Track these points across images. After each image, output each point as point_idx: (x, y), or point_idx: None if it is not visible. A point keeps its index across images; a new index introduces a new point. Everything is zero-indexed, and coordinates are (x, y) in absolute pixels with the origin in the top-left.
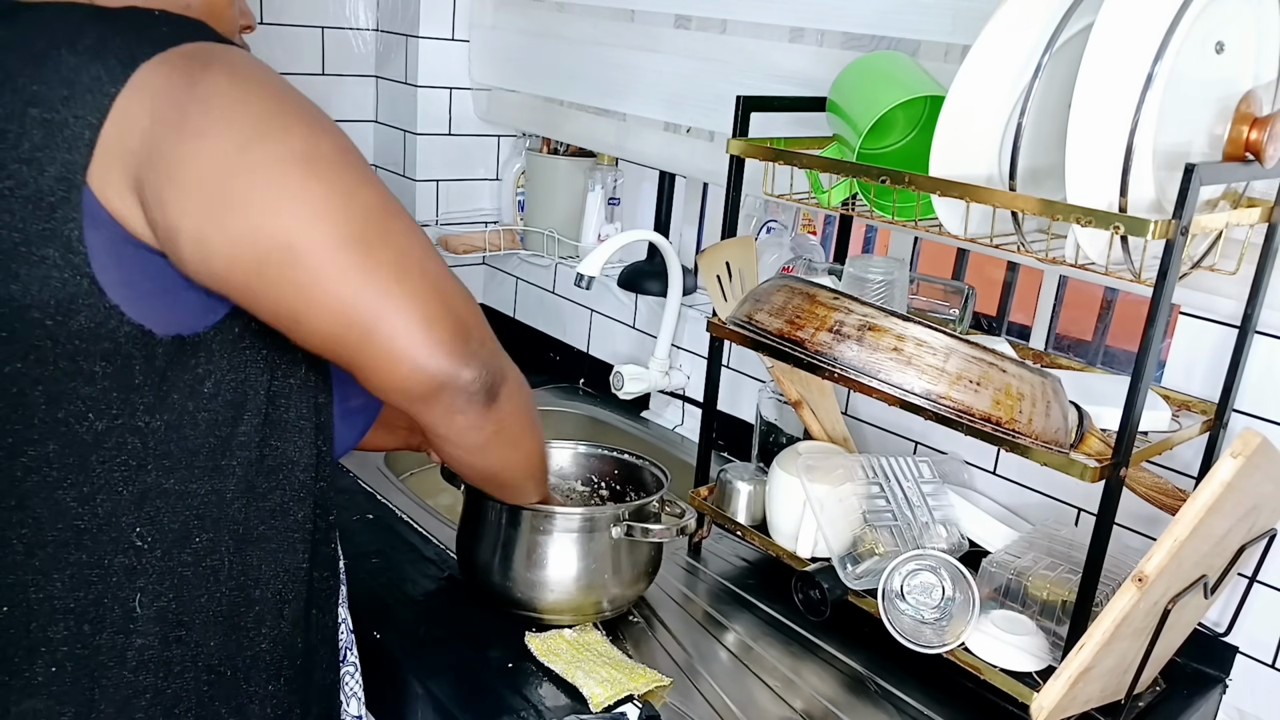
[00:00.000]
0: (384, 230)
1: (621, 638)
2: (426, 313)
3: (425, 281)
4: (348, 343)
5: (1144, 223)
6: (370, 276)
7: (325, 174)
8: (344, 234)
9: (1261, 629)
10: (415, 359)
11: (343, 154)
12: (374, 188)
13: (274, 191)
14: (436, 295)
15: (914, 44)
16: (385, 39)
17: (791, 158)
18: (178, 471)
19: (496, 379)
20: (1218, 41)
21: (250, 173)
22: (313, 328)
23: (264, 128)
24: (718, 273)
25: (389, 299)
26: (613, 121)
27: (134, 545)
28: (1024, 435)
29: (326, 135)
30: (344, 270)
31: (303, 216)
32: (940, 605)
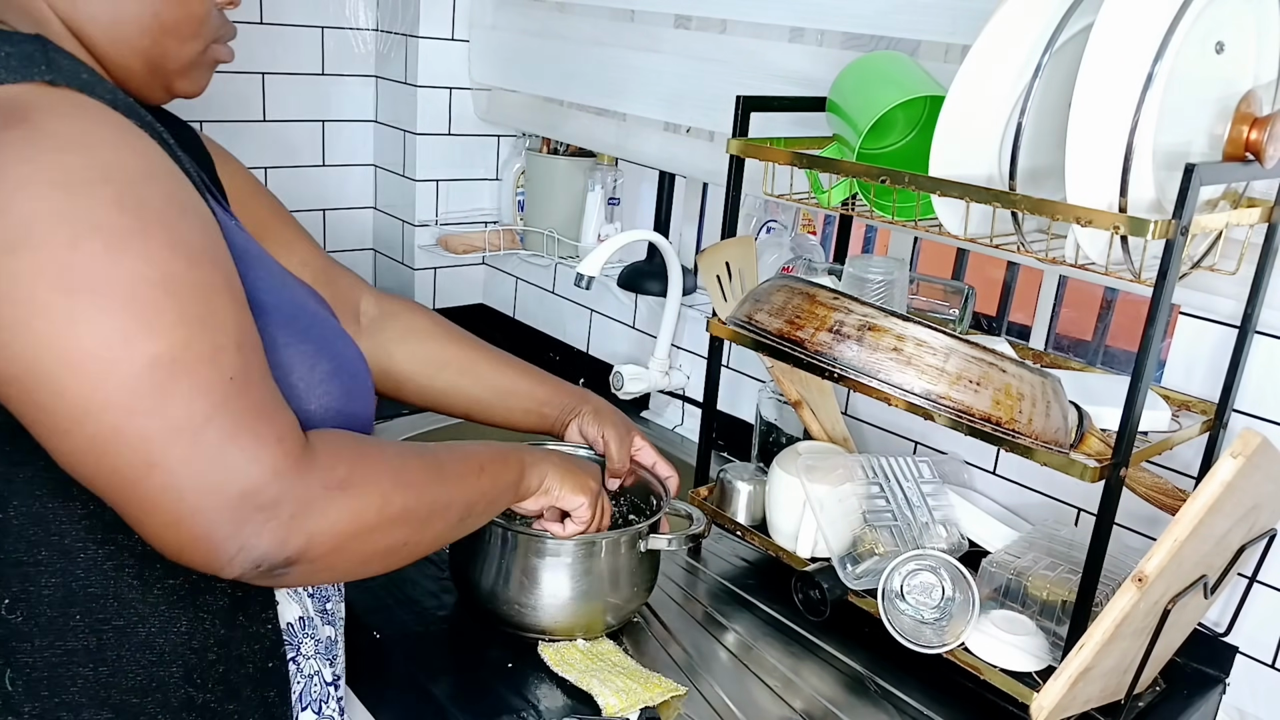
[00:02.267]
0: (165, 387)
1: (622, 638)
2: (188, 499)
3: (202, 453)
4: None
5: (1144, 223)
6: (127, 444)
7: (99, 314)
8: (104, 391)
9: (1261, 629)
10: (170, 540)
11: (144, 283)
12: (167, 334)
13: (30, 316)
14: (211, 473)
15: (914, 44)
16: (385, 39)
17: (791, 158)
18: (45, 547)
19: (278, 561)
20: (1218, 41)
21: (10, 282)
22: (62, 457)
23: (43, 231)
24: (717, 273)
25: (142, 483)
26: (613, 121)
27: (3, 618)
28: (1024, 435)
29: (130, 254)
30: (99, 430)
31: (56, 359)
32: (940, 605)
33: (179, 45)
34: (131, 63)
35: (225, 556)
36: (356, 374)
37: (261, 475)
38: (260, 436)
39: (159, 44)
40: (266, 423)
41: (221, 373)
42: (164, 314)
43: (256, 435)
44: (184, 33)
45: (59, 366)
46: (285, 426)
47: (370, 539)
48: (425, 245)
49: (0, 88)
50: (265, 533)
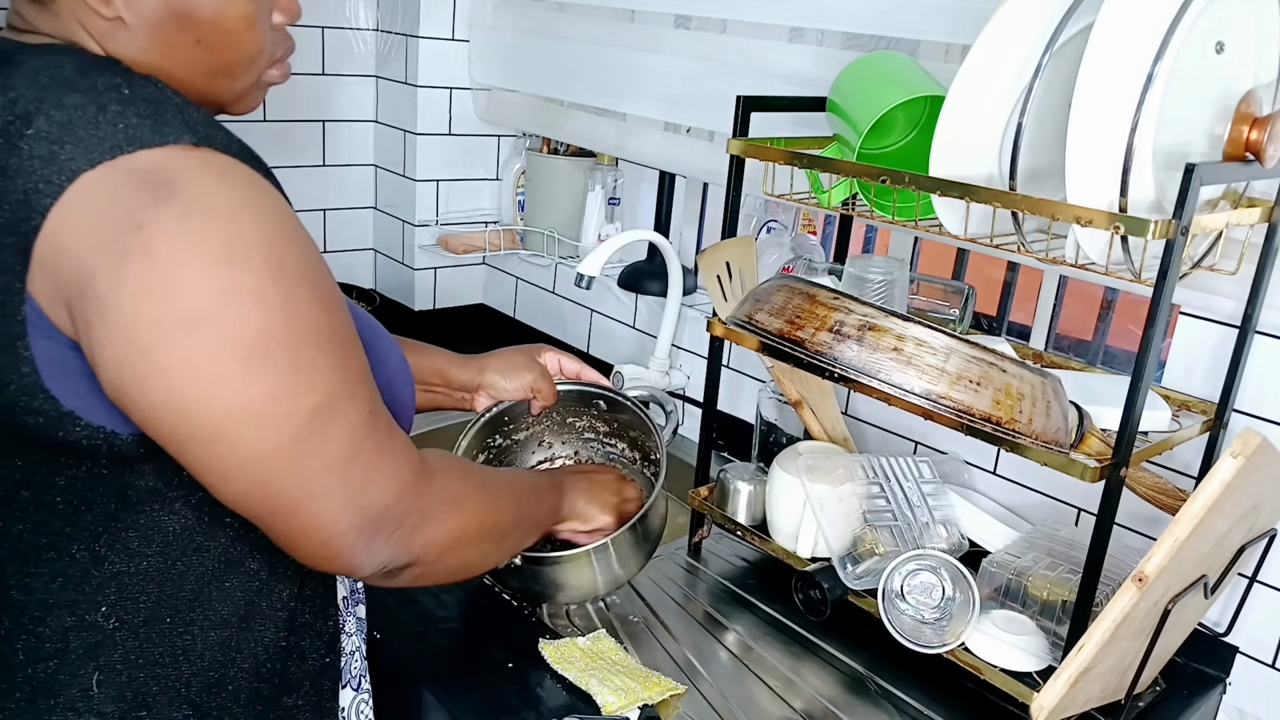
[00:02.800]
0: (319, 439)
1: (622, 638)
2: (336, 526)
3: (343, 494)
4: (258, 516)
5: (1144, 223)
6: (289, 489)
7: (268, 375)
8: (273, 444)
9: (1261, 629)
10: (315, 557)
11: (299, 344)
12: (323, 384)
13: (208, 383)
14: (353, 506)
15: (914, 44)
16: (385, 39)
17: (791, 158)
18: (149, 555)
19: (400, 563)
20: (1218, 41)
21: (186, 353)
22: (224, 499)
23: (213, 307)
24: (718, 273)
25: (302, 510)
26: (613, 121)
27: (97, 624)
28: (1024, 435)
29: (287, 319)
30: (265, 477)
31: (233, 417)
32: (940, 605)
33: (230, 83)
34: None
35: (362, 563)
36: (407, 382)
37: (396, 492)
38: (394, 459)
39: (211, 84)
40: (396, 445)
41: (361, 409)
42: (318, 366)
43: (391, 458)
44: (235, 72)
45: (236, 423)
46: (407, 446)
47: (468, 549)
48: (425, 245)
49: (146, 153)
50: (394, 541)
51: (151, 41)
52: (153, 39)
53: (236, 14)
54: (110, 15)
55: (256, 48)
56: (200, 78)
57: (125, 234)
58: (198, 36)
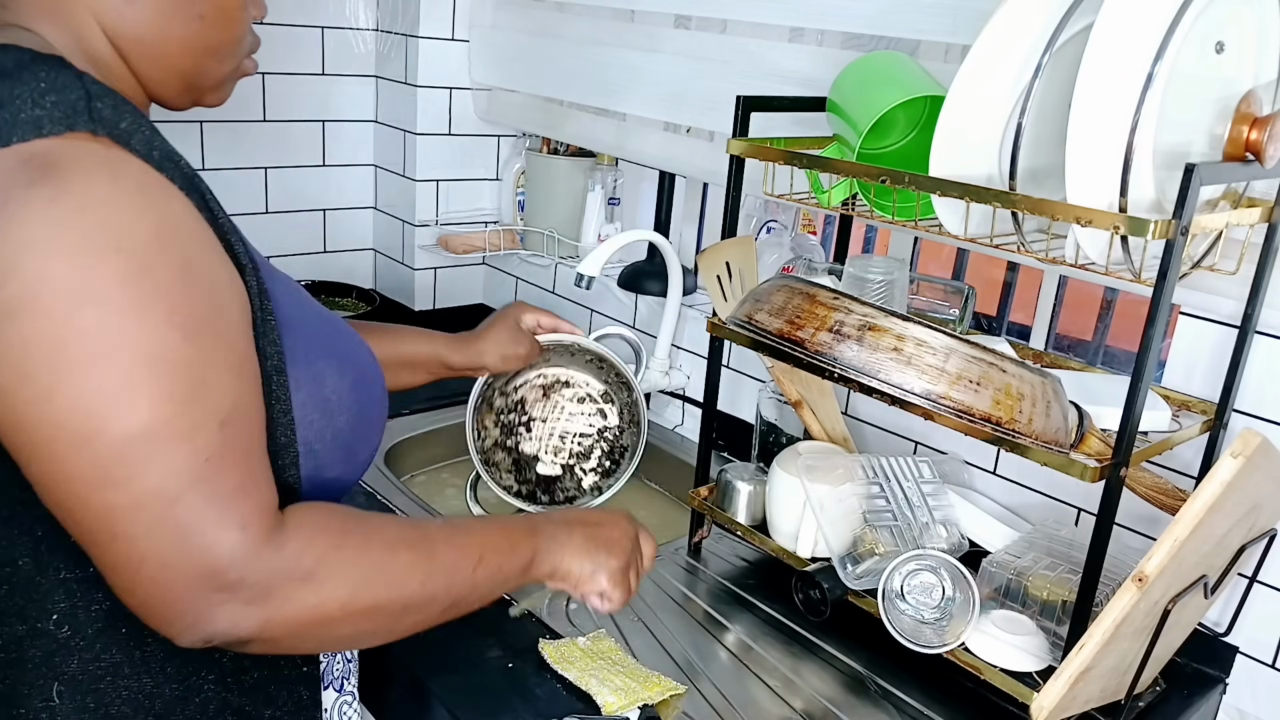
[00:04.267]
0: (131, 464)
1: (622, 638)
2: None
3: (168, 530)
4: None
5: (1144, 223)
6: (90, 510)
7: (85, 381)
8: (70, 468)
9: (1261, 629)
10: (140, 603)
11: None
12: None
13: (16, 382)
14: (176, 549)
15: (914, 44)
16: (385, 39)
17: (791, 158)
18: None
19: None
20: (1218, 41)
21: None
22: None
23: (42, 300)
24: (718, 273)
25: (107, 549)
26: (613, 121)
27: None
28: (1024, 435)
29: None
30: (62, 503)
31: (42, 414)
32: (940, 605)
33: (217, 64)
34: (168, 79)
35: (179, 628)
36: (375, 381)
37: (223, 559)
38: (226, 521)
39: (199, 64)
40: (237, 506)
41: (197, 453)
42: (148, 391)
43: (222, 519)
44: (224, 53)
45: (39, 434)
46: (256, 509)
47: (332, 628)
48: (425, 245)
49: (40, 141)
50: (222, 613)
51: (158, 14)
52: (160, 9)
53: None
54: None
55: (244, 30)
56: (191, 55)
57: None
58: (201, 11)
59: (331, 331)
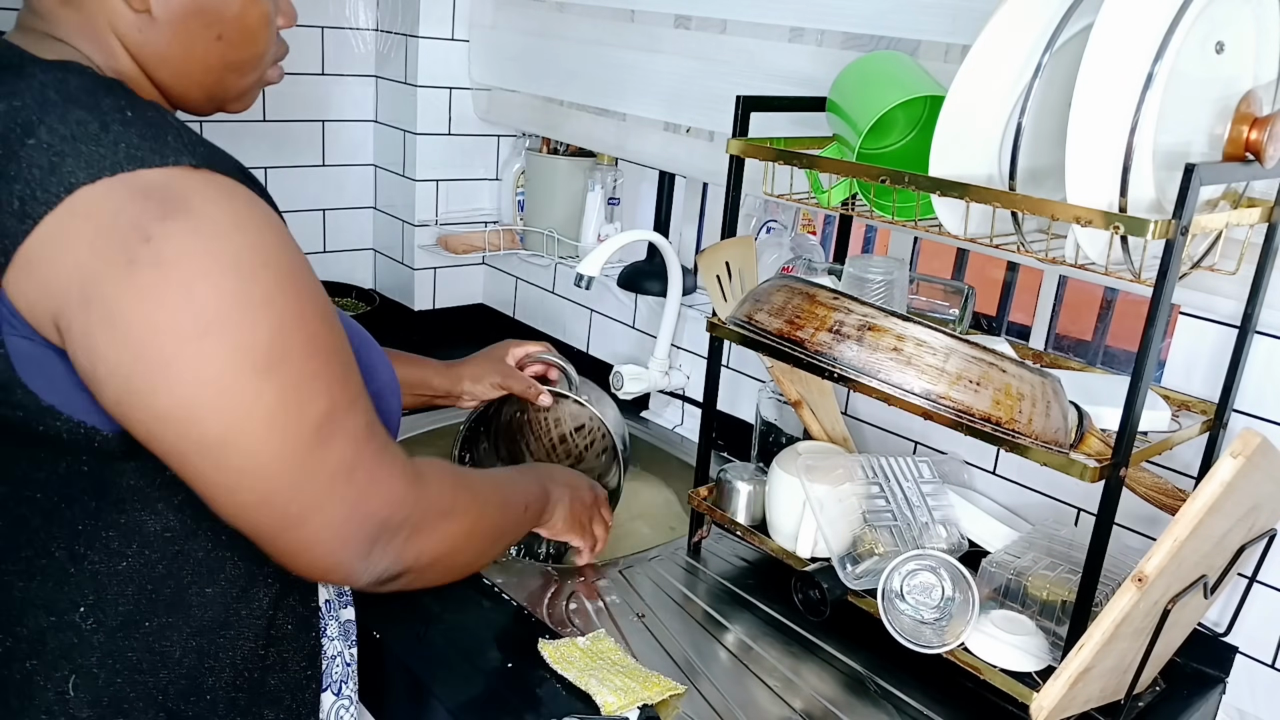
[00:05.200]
0: (323, 450)
1: (622, 637)
2: (338, 536)
3: (347, 503)
4: (256, 534)
5: (1144, 223)
6: (293, 500)
7: (277, 386)
8: (280, 454)
9: (1261, 629)
10: (315, 568)
11: (306, 355)
12: (327, 396)
13: (219, 392)
14: (355, 515)
15: (914, 44)
16: (385, 39)
17: (791, 158)
18: (129, 556)
19: (394, 572)
20: (1218, 41)
21: (198, 363)
22: (224, 514)
23: (225, 317)
24: (717, 273)
25: (305, 522)
26: (612, 121)
27: (75, 625)
28: (1024, 435)
29: (295, 330)
30: (270, 488)
31: (242, 427)
32: (940, 605)
33: (239, 79)
34: (190, 92)
35: (360, 574)
36: (393, 395)
37: (393, 503)
38: (391, 470)
39: (221, 80)
40: (392, 456)
41: (360, 420)
42: (322, 376)
43: (389, 468)
44: (246, 69)
45: (244, 432)
46: (402, 456)
47: (458, 555)
48: (425, 245)
49: (147, 172)
50: (390, 551)
51: (175, 35)
52: (177, 33)
53: (258, 12)
54: (140, 8)
55: (266, 45)
56: (213, 73)
57: (133, 245)
58: (220, 32)
59: (360, 344)
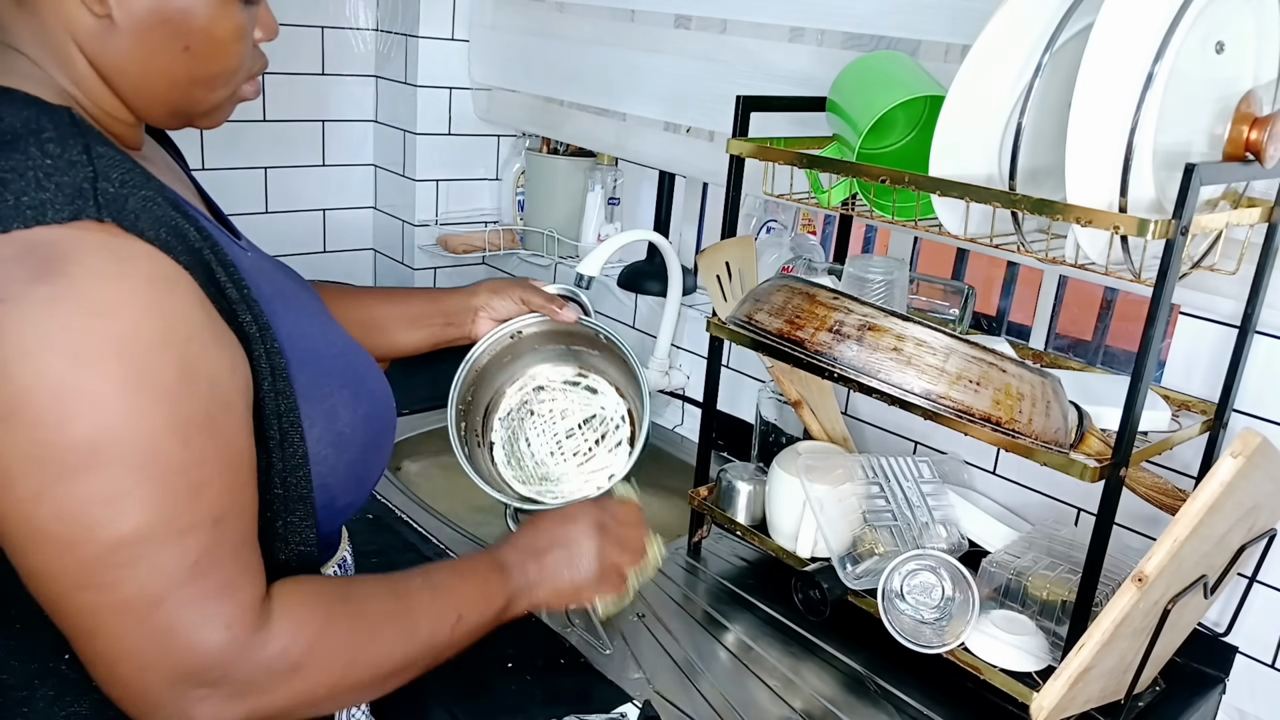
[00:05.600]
0: (119, 568)
1: (622, 636)
2: (147, 672)
3: (146, 630)
4: (61, 628)
5: (1144, 223)
6: (77, 608)
7: (78, 489)
8: (68, 559)
9: (1261, 629)
10: (114, 694)
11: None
12: (152, 510)
13: (10, 476)
14: (161, 647)
15: (914, 44)
16: (385, 39)
17: (791, 158)
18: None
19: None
20: (1218, 41)
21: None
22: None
23: (40, 403)
24: (717, 273)
25: (92, 638)
26: (613, 121)
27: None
28: (1024, 435)
29: (118, 439)
30: (55, 583)
31: (29, 518)
32: (940, 605)
33: (207, 94)
34: (153, 107)
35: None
36: (388, 409)
37: (206, 659)
38: (210, 622)
39: (188, 95)
40: (221, 605)
41: (186, 556)
42: (140, 499)
43: (206, 621)
44: (215, 84)
45: (26, 536)
46: (242, 607)
47: (319, 706)
48: (425, 245)
49: (43, 229)
50: (204, 707)
51: (139, 44)
52: (141, 42)
53: (230, 24)
54: (101, 13)
55: (239, 60)
56: (179, 87)
57: None
58: (187, 43)
59: (347, 363)
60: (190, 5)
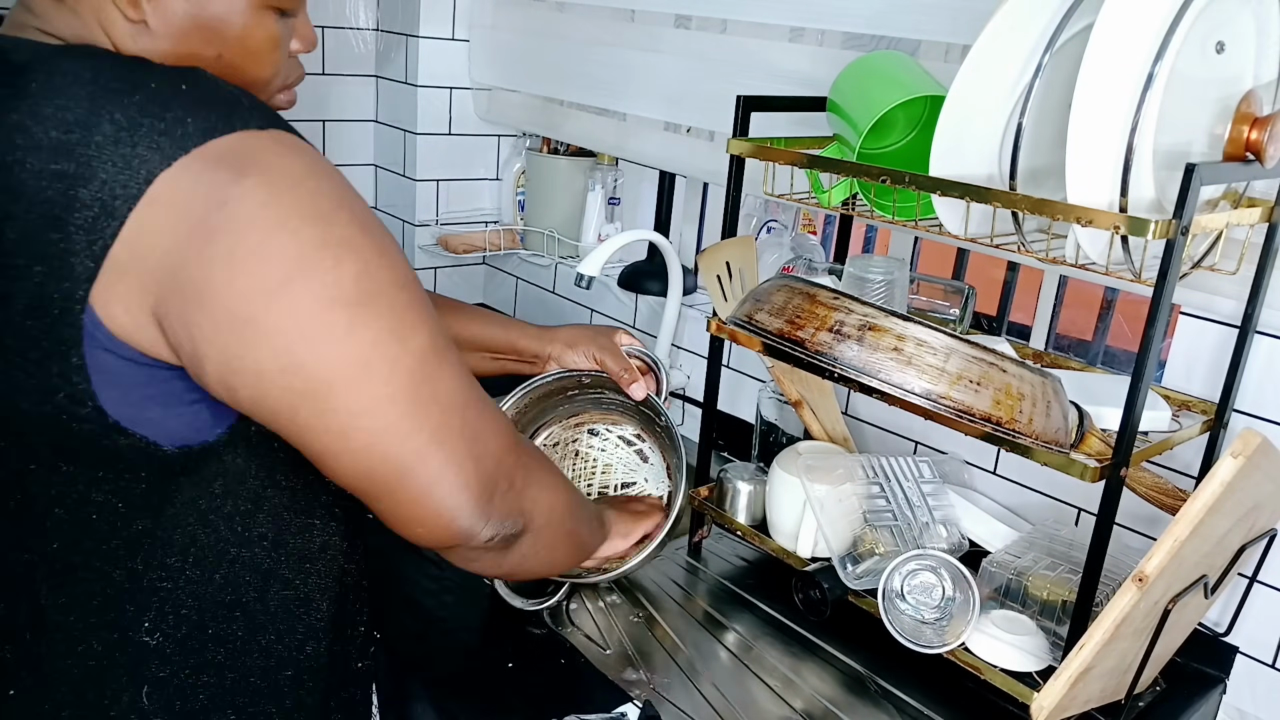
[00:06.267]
0: (432, 383)
1: (622, 634)
2: (459, 476)
3: (464, 439)
4: (373, 488)
5: (1144, 223)
6: (410, 436)
7: (374, 319)
8: (389, 389)
9: (1261, 629)
10: (439, 518)
11: (396, 288)
12: (426, 328)
13: (316, 334)
14: (472, 454)
15: (914, 43)
16: (385, 38)
17: (792, 157)
18: (186, 569)
19: (514, 529)
20: (1218, 41)
21: (291, 310)
22: (339, 470)
23: (309, 260)
24: (718, 273)
25: (425, 460)
26: (613, 121)
27: (141, 641)
28: (1024, 435)
29: (380, 266)
30: (385, 425)
31: (346, 365)
32: (940, 605)
33: None
34: None
35: (479, 527)
36: None
37: (504, 445)
38: (495, 410)
39: None
40: (490, 407)
41: (456, 355)
42: (414, 309)
43: (494, 409)
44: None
45: (349, 373)
46: (497, 410)
47: (563, 523)
48: (425, 245)
49: (216, 142)
50: (509, 499)
51: (172, 49)
52: (175, 47)
53: (264, 34)
54: (136, 18)
55: (274, 70)
56: None
57: (211, 216)
58: (220, 51)
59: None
60: (225, 14)
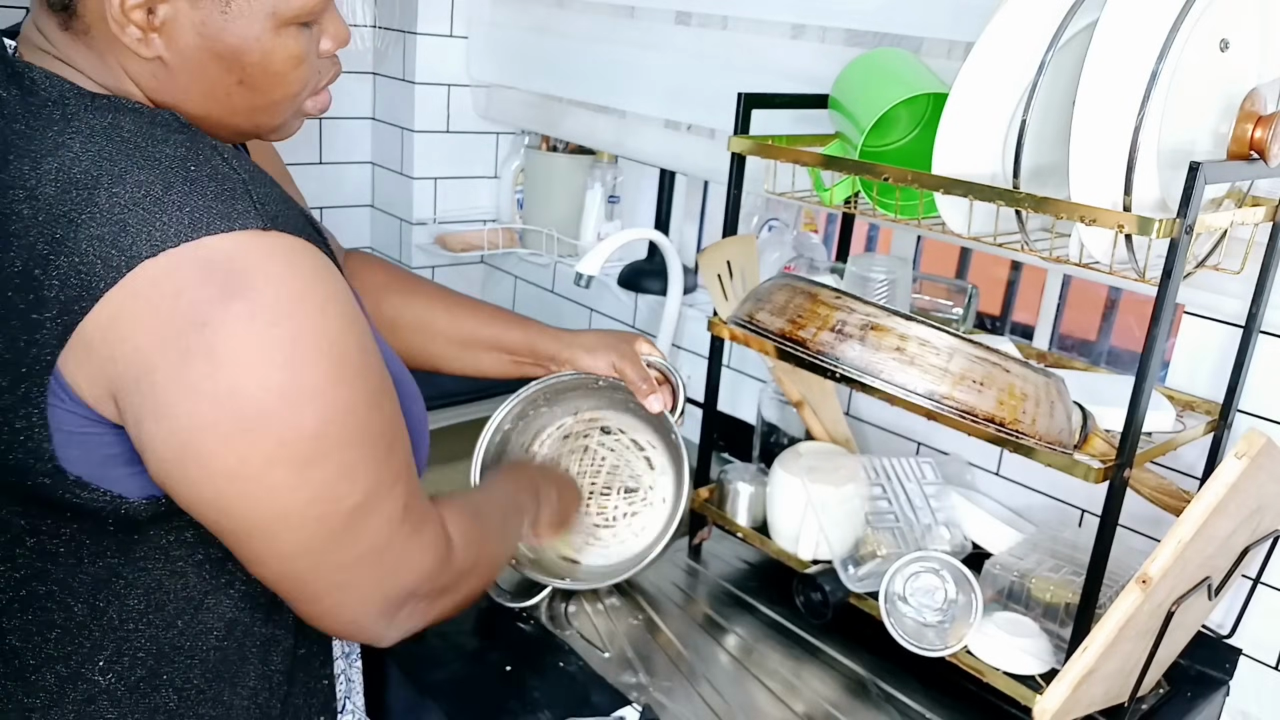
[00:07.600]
0: (355, 533)
1: (622, 638)
2: (363, 606)
3: (375, 578)
4: (285, 596)
5: (1148, 222)
6: (321, 576)
7: (317, 476)
8: (315, 536)
9: (1265, 631)
10: (344, 630)
11: (348, 446)
12: (365, 482)
13: (255, 489)
14: (382, 589)
15: (917, 41)
16: (383, 35)
17: (793, 155)
18: (149, 613)
19: (421, 628)
20: (1222, 39)
21: (239, 459)
22: (259, 573)
23: (269, 413)
24: (719, 271)
25: (331, 593)
26: (612, 119)
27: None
28: (1027, 436)
29: (342, 422)
30: (297, 567)
31: (275, 518)
32: (943, 607)
33: (270, 119)
34: (218, 132)
35: (384, 637)
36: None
37: (422, 575)
38: (423, 546)
39: (250, 120)
40: (425, 529)
41: (398, 501)
42: (362, 465)
43: (421, 546)
44: (276, 111)
45: (277, 525)
46: (437, 526)
47: (475, 596)
48: (423, 244)
49: (211, 239)
50: (416, 614)
51: (193, 82)
52: (194, 80)
53: (285, 54)
54: (149, 55)
55: (300, 84)
56: (240, 114)
57: (189, 332)
58: (241, 78)
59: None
60: (242, 42)
